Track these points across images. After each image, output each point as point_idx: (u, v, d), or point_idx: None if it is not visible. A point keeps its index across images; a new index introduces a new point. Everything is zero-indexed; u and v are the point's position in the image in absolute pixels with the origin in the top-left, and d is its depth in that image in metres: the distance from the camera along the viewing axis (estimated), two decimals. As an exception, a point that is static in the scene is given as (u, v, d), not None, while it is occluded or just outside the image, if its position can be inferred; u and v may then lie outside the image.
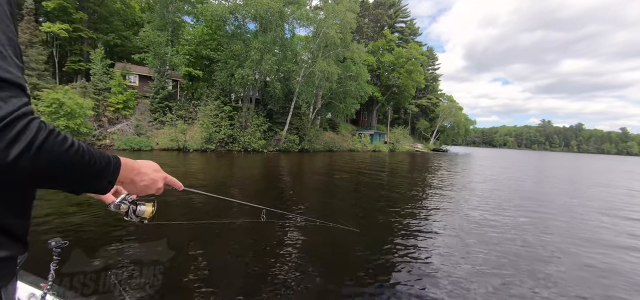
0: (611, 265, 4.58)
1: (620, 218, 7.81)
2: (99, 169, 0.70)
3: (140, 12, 31.76)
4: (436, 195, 9.75)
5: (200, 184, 9.60)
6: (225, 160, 17.07)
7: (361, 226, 6.09)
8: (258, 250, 4.51)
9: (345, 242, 5.02)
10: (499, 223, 6.65)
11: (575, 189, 13.23)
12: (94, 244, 4.36)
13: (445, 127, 63.03)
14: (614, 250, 5.30)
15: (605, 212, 8.39)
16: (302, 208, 7.25)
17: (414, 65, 44.49)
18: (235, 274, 3.76)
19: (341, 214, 7.21)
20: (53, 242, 1.24)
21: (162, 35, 23.66)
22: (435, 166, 21.38)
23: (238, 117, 24.26)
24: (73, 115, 14.89)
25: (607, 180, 17.47)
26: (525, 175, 18.55)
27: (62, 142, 0.60)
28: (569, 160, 46.89)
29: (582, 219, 7.47)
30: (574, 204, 9.51)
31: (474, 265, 4.28)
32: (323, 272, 3.97)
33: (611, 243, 5.70)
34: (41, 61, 18.62)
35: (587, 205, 9.34)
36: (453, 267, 4.19)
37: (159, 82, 23.28)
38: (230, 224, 5.43)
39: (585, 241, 5.71)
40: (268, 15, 23.43)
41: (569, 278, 4.06)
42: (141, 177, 0.85)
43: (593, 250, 5.25)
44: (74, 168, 0.64)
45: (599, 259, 4.83)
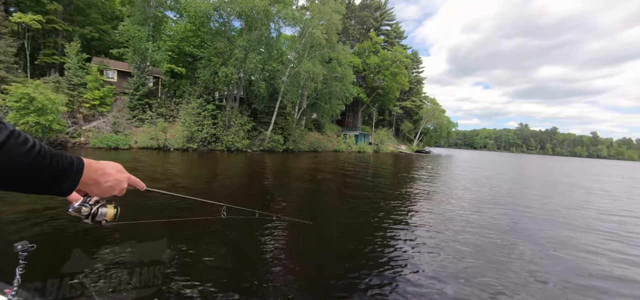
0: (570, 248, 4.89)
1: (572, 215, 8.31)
2: (61, 170, 0.69)
3: (120, 5, 30.68)
4: (412, 194, 9.99)
5: (177, 183, 9.42)
6: (207, 159, 16.78)
7: (326, 220, 6.21)
8: (217, 244, 4.72)
9: (300, 235, 5.40)
10: (478, 223, 6.91)
11: (544, 190, 13.90)
12: (65, 246, 4.24)
13: (429, 129, 64.55)
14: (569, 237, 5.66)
15: (564, 208, 8.90)
16: (278, 207, 7.26)
17: (399, 68, 45.28)
18: (192, 268, 3.84)
19: (312, 209, 7.29)
20: (19, 246, 1.19)
21: (143, 30, 22.94)
22: (417, 167, 21.87)
23: (221, 116, 23.88)
24: (44, 112, 14.18)
25: (572, 181, 18.44)
26: (502, 176, 19.28)
27: (23, 143, 0.60)
28: (543, 162, 49.02)
29: (546, 215, 7.89)
30: (542, 200, 10.03)
31: (443, 258, 4.45)
32: (268, 261, 4.23)
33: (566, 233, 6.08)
34: (10, 53, 17.67)
35: (552, 204, 9.86)
36: (418, 261, 4.34)
37: (139, 78, 22.56)
38: (191, 222, 5.45)
39: (549, 234, 6.06)
40: (253, 14, 23.19)
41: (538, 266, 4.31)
42: (105, 178, 0.84)
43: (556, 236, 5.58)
44: (34, 170, 0.63)
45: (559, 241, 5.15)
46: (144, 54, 23.14)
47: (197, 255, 4.19)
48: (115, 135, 18.64)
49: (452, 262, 4.59)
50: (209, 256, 4.21)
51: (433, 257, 4.73)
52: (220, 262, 4.08)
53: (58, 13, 25.27)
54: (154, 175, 10.45)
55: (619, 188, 16.76)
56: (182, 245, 4.41)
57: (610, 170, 37.52)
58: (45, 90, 14.85)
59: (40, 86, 14.91)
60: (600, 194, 13.55)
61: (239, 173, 12.92)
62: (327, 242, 5.31)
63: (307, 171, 15.34)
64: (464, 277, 4.07)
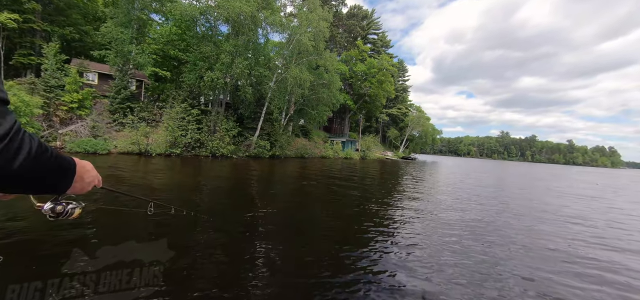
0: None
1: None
2: (67, 168, 0.78)
3: (103, 6, 29.94)
4: (397, 199, 10.13)
5: (154, 187, 9.19)
6: (189, 165, 16.46)
7: (304, 224, 6.22)
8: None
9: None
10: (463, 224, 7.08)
11: (524, 197, 14.41)
12: (34, 255, 4.07)
13: (414, 136, 65.72)
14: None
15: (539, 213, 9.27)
16: (248, 213, 7.19)
17: (385, 76, 46.11)
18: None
19: (287, 214, 7.28)
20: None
21: (126, 32, 22.44)
22: (402, 173, 22.19)
23: (206, 121, 23.53)
24: (17, 114, 13.57)
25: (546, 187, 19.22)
26: (484, 182, 19.84)
27: (45, 148, 0.68)
28: (524, 169, 50.78)
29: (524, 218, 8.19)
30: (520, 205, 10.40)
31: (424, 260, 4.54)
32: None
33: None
34: (-18, 53, 16.86)
35: (528, 209, 10.24)
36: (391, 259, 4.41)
37: (121, 81, 21.99)
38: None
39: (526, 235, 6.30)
40: (241, 19, 23.14)
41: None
42: (88, 174, 0.91)
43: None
44: (54, 170, 0.71)
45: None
46: (127, 57, 22.61)
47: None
48: (94, 140, 18.02)
49: (432, 265, 4.68)
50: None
51: (413, 257, 4.81)
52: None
53: (36, 12, 24.41)
54: (132, 181, 10.17)
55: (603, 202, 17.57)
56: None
57: (587, 177, 39.24)
58: (19, 91, 14.24)
59: (14, 87, 14.29)
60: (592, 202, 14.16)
61: (218, 179, 12.75)
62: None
63: (292, 177, 15.30)
64: (443, 279, 4.17)
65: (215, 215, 6.92)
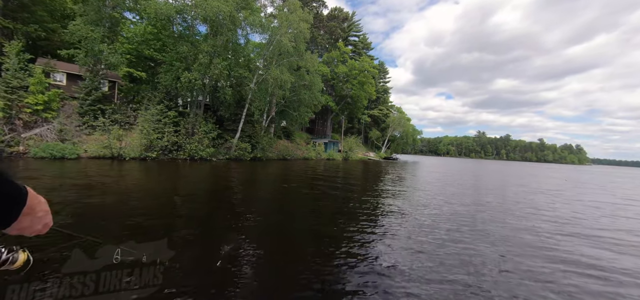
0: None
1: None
2: (14, 195, 0.61)
3: (72, 3, 28.44)
4: (379, 198, 10.26)
5: (130, 195, 8.82)
6: (166, 169, 15.92)
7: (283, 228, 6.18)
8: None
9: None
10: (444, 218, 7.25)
11: (500, 193, 15.03)
12: (34, 254, 3.79)
13: (395, 137, 66.97)
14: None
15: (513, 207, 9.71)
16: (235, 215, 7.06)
17: (366, 78, 46.72)
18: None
19: (268, 216, 7.20)
20: None
21: (97, 30, 21.42)
22: (384, 173, 22.54)
23: (184, 123, 22.89)
24: (-27, 117, 12.63)
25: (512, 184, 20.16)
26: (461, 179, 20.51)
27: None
28: (499, 167, 52.99)
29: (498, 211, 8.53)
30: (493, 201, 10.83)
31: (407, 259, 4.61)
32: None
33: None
34: None
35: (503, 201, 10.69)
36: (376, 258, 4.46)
37: (92, 82, 20.97)
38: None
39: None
40: (219, 19, 22.69)
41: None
42: (41, 207, 0.72)
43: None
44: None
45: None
46: (98, 57, 21.57)
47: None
48: (61, 144, 17.05)
49: (416, 263, 4.77)
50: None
51: (395, 257, 4.88)
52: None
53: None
54: (109, 188, 9.70)
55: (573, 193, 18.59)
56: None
57: (559, 173, 41.46)
58: (-25, 93, 13.24)
59: (-31, 89, 13.28)
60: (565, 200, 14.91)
61: (196, 182, 12.42)
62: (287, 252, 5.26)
63: (273, 180, 15.15)
64: (425, 276, 4.25)
65: (193, 220, 6.73)
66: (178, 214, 7.16)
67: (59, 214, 6.09)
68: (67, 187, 9.18)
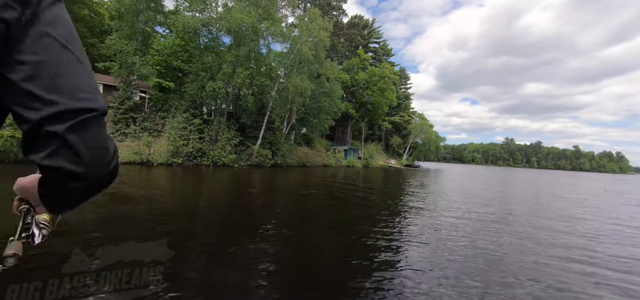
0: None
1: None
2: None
3: (109, 19, 30.69)
4: (402, 208, 10.03)
5: (152, 197, 9.23)
6: (190, 174, 16.54)
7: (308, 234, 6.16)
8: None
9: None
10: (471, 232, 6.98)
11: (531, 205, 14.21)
12: (34, 254, 4.06)
13: (417, 144, 65.51)
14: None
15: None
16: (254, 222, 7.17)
17: (387, 84, 46.25)
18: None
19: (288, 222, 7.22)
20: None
21: (131, 44, 22.92)
22: (406, 181, 22.05)
23: (208, 130, 23.73)
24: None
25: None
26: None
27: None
28: (532, 176, 50.17)
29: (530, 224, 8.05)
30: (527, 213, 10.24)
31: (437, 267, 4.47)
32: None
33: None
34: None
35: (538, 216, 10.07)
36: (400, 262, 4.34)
37: (124, 92, 22.37)
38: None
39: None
40: (242, 30, 23.52)
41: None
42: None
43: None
44: None
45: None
46: (131, 68, 23.03)
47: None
48: (97, 150, 18.22)
49: (438, 275, 4.61)
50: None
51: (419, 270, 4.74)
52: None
53: (43, 26, 25.03)
54: (133, 192, 10.24)
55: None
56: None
57: (597, 182, 38.60)
58: (24, 103, 14.52)
59: (19, 99, 14.58)
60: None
61: (218, 187, 12.77)
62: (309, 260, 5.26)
63: (293, 186, 15.28)
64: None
65: (212, 222, 6.92)
66: (199, 216, 7.38)
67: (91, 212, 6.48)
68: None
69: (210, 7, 24.17)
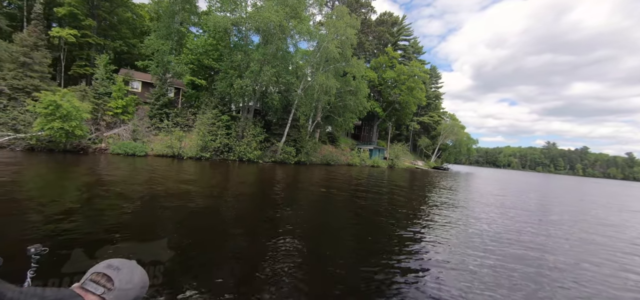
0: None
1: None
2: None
3: (149, 21, 32.71)
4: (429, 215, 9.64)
5: (185, 188, 9.65)
6: (217, 168, 17.15)
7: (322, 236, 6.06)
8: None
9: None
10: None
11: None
12: (79, 250, 4.27)
13: (447, 146, 62.74)
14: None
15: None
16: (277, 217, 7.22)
17: (416, 83, 44.68)
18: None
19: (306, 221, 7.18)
20: (32, 249, 1.21)
21: (167, 43, 24.26)
22: (433, 184, 21.21)
23: (235, 127, 24.47)
24: (69, 118, 15.14)
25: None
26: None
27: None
28: (571, 182, 46.10)
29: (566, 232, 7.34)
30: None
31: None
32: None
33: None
34: (45, 64, 19.13)
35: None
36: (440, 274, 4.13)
37: (160, 89, 23.71)
38: None
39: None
40: (270, 28, 23.93)
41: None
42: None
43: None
44: None
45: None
46: (167, 66, 24.36)
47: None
48: (134, 143, 19.52)
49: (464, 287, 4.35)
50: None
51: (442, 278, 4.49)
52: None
53: (93, 28, 27.29)
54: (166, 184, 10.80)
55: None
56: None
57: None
58: (72, 98, 15.89)
59: (67, 94, 15.98)
60: None
61: (243, 183, 13.07)
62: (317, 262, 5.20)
63: (313, 184, 15.28)
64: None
65: (234, 216, 7.08)
66: (225, 211, 7.58)
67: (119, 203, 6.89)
68: (139, 181, 10.40)
69: (241, 7, 24.85)
